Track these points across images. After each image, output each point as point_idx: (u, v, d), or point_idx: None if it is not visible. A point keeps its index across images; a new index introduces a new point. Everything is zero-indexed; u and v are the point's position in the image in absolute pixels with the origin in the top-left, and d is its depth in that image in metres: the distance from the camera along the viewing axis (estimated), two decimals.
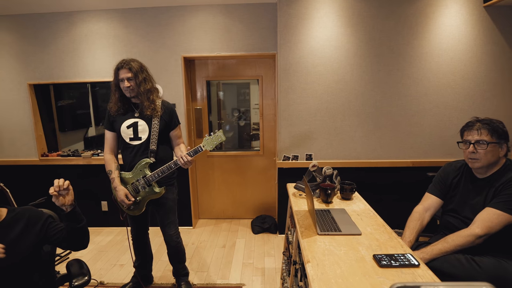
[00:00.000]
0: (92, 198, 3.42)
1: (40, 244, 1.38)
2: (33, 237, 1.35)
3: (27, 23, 3.13)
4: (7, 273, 1.27)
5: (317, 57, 2.79)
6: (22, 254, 1.30)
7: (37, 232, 1.37)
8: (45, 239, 1.39)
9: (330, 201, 1.84)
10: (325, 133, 2.92)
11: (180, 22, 3.03)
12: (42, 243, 1.39)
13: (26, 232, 1.35)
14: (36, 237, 1.36)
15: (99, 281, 2.46)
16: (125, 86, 1.87)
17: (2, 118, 3.30)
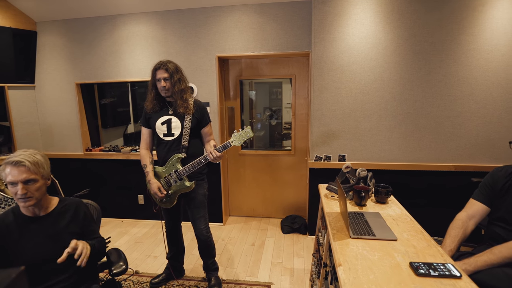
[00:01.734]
0: (129, 191, 3.61)
1: (80, 232, 1.47)
2: (77, 228, 1.46)
3: (75, 27, 3.37)
4: (54, 260, 1.37)
5: (353, 55, 2.71)
6: (67, 240, 1.40)
7: (80, 224, 1.47)
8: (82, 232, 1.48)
9: (363, 204, 1.78)
10: (359, 134, 2.83)
11: (215, 22, 3.09)
12: (81, 233, 1.48)
13: (72, 222, 1.45)
14: (78, 227, 1.46)
15: (135, 270, 2.59)
16: (161, 85, 1.96)
17: (53, 115, 3.59)
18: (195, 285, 2.38)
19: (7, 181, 1.26)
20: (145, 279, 2.46)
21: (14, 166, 1.26)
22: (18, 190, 1.25)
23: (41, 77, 3.54)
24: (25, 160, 1.27)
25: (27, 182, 1.28)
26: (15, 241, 1.31)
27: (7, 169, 1.26)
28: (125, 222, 3.65)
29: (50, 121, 3.61)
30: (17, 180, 1.25)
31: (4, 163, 1.27)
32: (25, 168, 1.27)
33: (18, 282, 0.30)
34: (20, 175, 1.26)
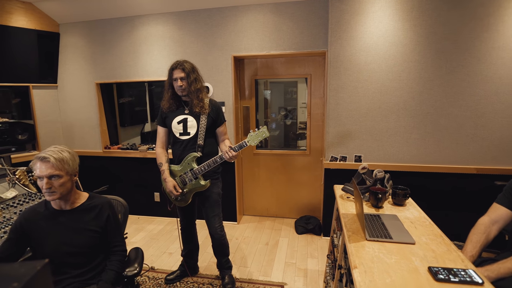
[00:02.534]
0: (146, 189, 3.68)
1: (102, 233, 1.51)
2: (98, 227, 1.50)
3: (96, 28, 3.47)
4: (79, 253, 1.43)
5: (371, 54, 2.66)
6: (86, 237, 1.45)
7: (102, 225, 1.51)
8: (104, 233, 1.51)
9: (380, 206, 1.74)
10: (376, 134, 2.78)
11: (232, 22, 3.11)
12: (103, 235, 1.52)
13: (94, 220, 1.49)
14: (99, 227, 1.50)
15: (150, 266, 2.64)
16: (178, 85, 1.99)
17: (74, 114, 3.71)
18: (209, 282, 2.41)
19: (35, 175, 1.33)
20: (161, 275, 2.50)
21: (41, 162, 1.32)
22: (45, 185, 1.32)
23: (63, 77, 3.66)
24: (51, 156, 1.33)
25: (51, 177, 1.34)
26: (40, 231, 1.38)
27: (37, 164, 1.33)
28: (142, 218, 3.73)
29: (71, 119, 3.73)
30: (42, 175, 1.32)
31: (35, 157, 1.34)
32: (50, 164, 1.33)
33: (42, 274, 0.32)
34: (46, 170, 1.32)
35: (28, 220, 1.39)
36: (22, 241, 1.39)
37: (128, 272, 1.53)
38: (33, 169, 1.36)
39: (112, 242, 1.54)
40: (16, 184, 2.36)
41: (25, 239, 1.39)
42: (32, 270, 0.30)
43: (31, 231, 1.38)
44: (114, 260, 1.51)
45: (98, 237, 1.48)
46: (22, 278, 0.29)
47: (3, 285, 0.28)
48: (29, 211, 1.42)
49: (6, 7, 3.13)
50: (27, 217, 1.40)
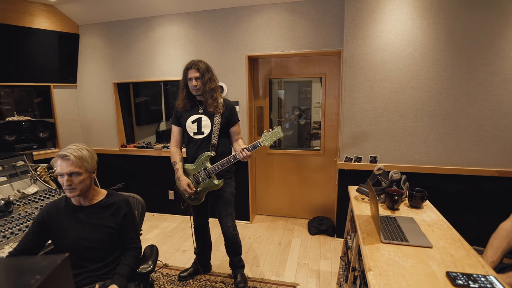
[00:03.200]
0: (160, 186, 3.75)
1: (118, 230, 1.55)
2: (114, 224, 1.53)
3: (114, 29, 3.55)
4: (97, 248, 1.47)
5: (387, 52, 2.60)
6: (103, 233, 1.49)
7: (119, 222, 1.55)
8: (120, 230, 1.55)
9: (396, 208, 1.71)
10: (392, 135, 2.72)
11: (246, 21, 3.11)
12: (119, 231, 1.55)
13: (111, 217, 1.53)
14: (116, 224, 1.54)
15: (164, 263, 2.68)
16: (193, 85, 2.01)
17: (92, 113, 3.81)
18: (222, 281, 2.42)
19: (56, 172, 1.38)
20: (174, 272, 2.54)
21: (62, 159, 1.37)
22: (65, 182, 1.37)
23: (82, 77, 3.77)
24: (71, 155, 1.38)
25: (71, 175, 1.38)
26: (60, 225, 1.42)
27: (57, 161, 1.38)
28: (156, 216, 3.80)
29: (90, 118, 3.84)
30: (63, 172, 1.37)
31: (56, 155, 1.39)
32: (70, 161, 1.37)
33: (63, 267, 0.33)
34: (66, 168, 1.37)
35: (49, 215, 1.44)
36: (43, 235, 1.44)
37: (142, 269, 1.56)
38: (54, 166, 1.40)
39: (127, 239, 1.57)
40: (37, 180, 2.44)
41: (46, 233, 1.44)
42: (53, 264, 0.31)
43: (51, 225, 1.43)
44: (129, 255, 1.54)
45: (115, 234, 1.52)
46: (45, 271, 0.30)
47: (27, 277, 0.29)
48: (50, 206, 1.47)
49: (29, 10, 3.24)
50: (48, 211, 1.45)
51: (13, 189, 2.29)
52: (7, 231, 1.83)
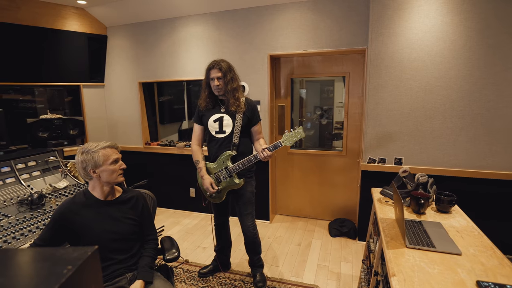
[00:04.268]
0: (182, 184, 3.82)
1: (139, 221, 1.61)
2: (135, 217, 1.60)
3: (139, 30, 3.66)
4: (123, 239, 1.52)
5: (415, 50, 2.51)
6: (127, 225, 1.54)
7: (139, 214, 1.61)
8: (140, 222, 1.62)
9: (422, 212, 1.64)
10: (419, 136, 2.62)
11: (268, 21, 3.10)
12: (140, 222, 1.62)
13: (132, 210, 1.60)
14: (136, 217, 1.60)
15: (185, 259, 2.73)
16: (215, 84, 2.03)
17: (118, 111, 3.95)
18: (241, 279, 2.43)
19: (112, 158, 1.50)
20: (194, 268, 2.58)
21: (111, 148, 1.53)
22: (121, 165, 1.54)
23: (109, 76, 3.91)
24: (116, 144, 1.56)
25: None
26: (84, 219, 1.47)
27: (108, 150, 1.51)
28: (178, 213, 3.88)
29: (116, 116, 3.98)
30: (119, 158, 1.54)
31: (104, 146, 1.50)
32: (118, 150, 1.57)
33: (92, 258, 0.34)
34: (119, 155, 1.55)
35: (69, 211, 1.47)
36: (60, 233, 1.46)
37: (167, 255, 1.63)
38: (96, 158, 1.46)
39: (145, 231, 1.65)
40: (67, 175, 2.56)
41: (63, 231, 1.46)
42: (84, 255, 0.33)
43: (74, 221, 1.45)
44: (149, 248, 1.62)
45: (137, 225, 1.59)
46: (76, 262, 0.31)
47: (59, 267, 0.30)
48: (68, 203, 1.50)
49: (62, 13, 3.41)
50: (67, 209, 1.47)
51: (46, 183, 2.42)
52: (40, 223, 1.94)
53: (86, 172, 1.48)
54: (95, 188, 1.53)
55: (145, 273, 1.49)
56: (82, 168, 1.48)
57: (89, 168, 1.47)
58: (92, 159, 1.46)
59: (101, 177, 1.49)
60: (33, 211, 2.04)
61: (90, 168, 1.47)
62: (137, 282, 1.44)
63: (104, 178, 1.49)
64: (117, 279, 1.48)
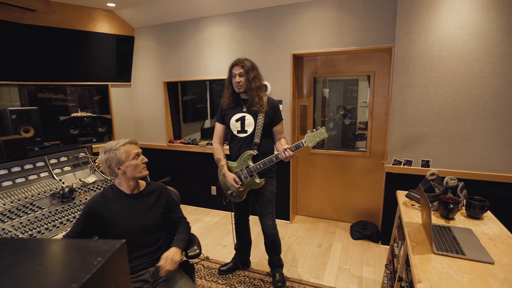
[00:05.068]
0: (204, 182, 3.88)
1: (164, 214, 1.65)
2: (160, 209, 1.64)
3: (165, 31, 3.75)
4: (148, 232, 1.57)
5: (445, 48, 2.40)
6: (153, 218, 1.59)
7: (163, 205, 1.66)
8: (166, 213, 1.67)
9: (451, 217, 1.57)
10: (448, 138, 2.50)
11: (292, 20, 3.08)
12: (165, 214, 1.66)
13: (156, 203, 1.65)
14: (161, 208, 1.65)
15: (205, 256, 2.78)
16: (236, 81, 2.03)
17: (144, 110, 4.07)
18: (260, 278, 2.44)
19: (133, 153, 1.56)
20: (214, 265, 2.62)
21: (131, 144, 1.58)
22: (143, 159, 1.61)
23: (136, 76, 4.04)
24: (135, 140, 1.63)
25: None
26: (114, 213, 1.53)
27: (128, 146, 1.56)
28: (199, 210, 3.94)
29: (141, 115, 4.10)
30: (139, 152, 1.60)
31: (124, 143, 1.56)
32: (137, 145, 1.63)
33: (121, 251, 0.35)
34: (138, 149, 1.60)
35: (98, 205, 1.54)
36: (90, 226, 1.54)
37: (189, 252, 1.66)
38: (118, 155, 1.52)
39: (176, 218, 1.72)
40: (96, 171, 2.68)
41: (93, 224, 1.54)
42: (113, 248, 0.34)
43: (103, 214, 1.53)
44: (182, 227, 1.70)
45: (162, 218, 1.64)
46: (105, 254, 0.32)
47: (91, 258, 0.32)
48: (98, 197, 1.58)
49: (93, 16, 3.56)
50: (97, 202, 1.55)
51: (76, 178, 2.54)
52: (70, 215, 2.04)
53: (111, 169, 1.54)
54: (122, 183, 1.59)
55: (179, 243, 1.57)
56: (107, 166, 1.54)
57: (113, 165, 1.52)
58: (115, 156, 1.52)
59: (126, 172, 1.54)
60: (64, 204, 2.15)
61: (114, 165, 1.52)
62: (172, 248, 1.52)
63: (129, 174, 1.55)
64: (141, 272, 1.52)
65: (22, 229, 1.81)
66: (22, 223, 1.86)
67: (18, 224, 1.84)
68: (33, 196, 2.16)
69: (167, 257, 1.46)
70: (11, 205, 2.03)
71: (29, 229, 1.82)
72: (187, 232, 1.68)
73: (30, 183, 2.28)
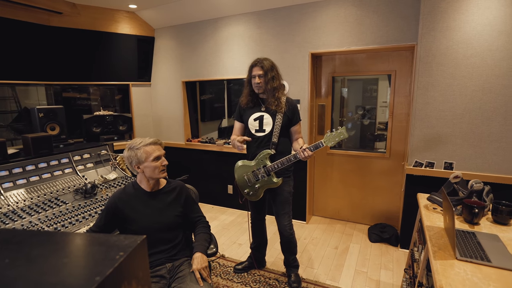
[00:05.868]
0: (220, 180, 3.91)
1: (183, 212, 1.68)
2: (179, 207, 1.67)
3: (184, 31, 3.81)
4: (166, 229, 1.60)
5: (472, 46, 2.30)
6: (171, 216, 1.62)
7: (182, 203, 1.68)
8: (185, 212, 1.69)
9: (476, 223, 1.51)
10: (474, 139, 2.40)
11: (311, 18, 3.05)
12: (184, 213, 1.69)
13: (175, 201, 1.68)
14: (180, 207, 1.67)
15: (221, 254, 2.80)
16: (255, 82, 2.04)
17: (163, 109, 4.15)
18: (275, 278, 2.43)
19: (154, 155, 1.56)
20: (230, 264, 2.63)
21: (155, 145, 1.58)
22: (163, 162, 1.58)
23: (155, 76, 4.12)
24: (160, 140, 1.61)
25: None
26: (132, 209, 1.58)
27: (151, 147, 1.56)
28: (215, 208, 3.98)
29: (160, 114, 4.19)
30: (161, 154, 1.59)
31: (146, 144, 1.56)
32: (161, 146, 1.61)
33: (141, 246, 0.36)
34: (161, 151, 1.60)
35: (120, 201, 1.59)
36: (112, 221, 1.60)
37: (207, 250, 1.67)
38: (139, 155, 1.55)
39: (195, 216, 1.73)
40: (117, 168, 2.76)
41: (115, 219, 1.59)
42: (134, 243, 0.35)
43: (123, 210, 1.57)
44: (203, 226, 1.70)
45: (180, 216, 1.66)
46: (127, 249, 0.33)
47: (113, 252, 0.33)
48: (120, 193, 1.63)
49: (115, 17, 3.66)
50: (119, 198, 1.60)
51: (98, 174, 2.62)
52: (92, 210, 2.11)
53: (132, 167, 1.58)
54: (142, 181, 1.63)
55: (201, 247, 1.58)
56: (128, 163, 1.59)
57: (133, 164, 1.57)
58: (135, 155, 1.55)
59: (145, 172, 1.58)
60: (86, 199, 2.23)
61: (134, 164, 1.56)
62: (197, 253, 1.53)
63: (147, 174, 1.58)
64: (158, 267, 1.56)
65: (47, 223, 1.89)
66: (47, 216, 1.94)
67: (44, 217, 1.93)
68: (57, 191, 2.26)
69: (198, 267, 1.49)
70: (38, 199, 2.13)
71: (54, 223, 1.90)
72: (208, 232, 1.70)
73: (55, 178, 2.37)
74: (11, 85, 3.34)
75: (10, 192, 2.09)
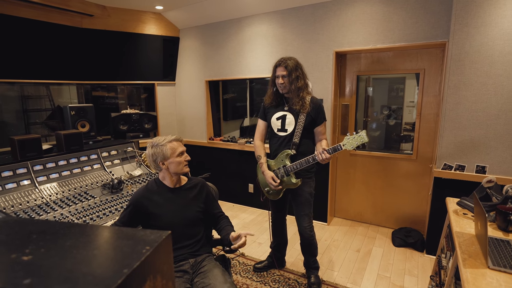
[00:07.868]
0: (242, 179, 3.94)
1: (204, 208, 1.71)
2: (201, 203, 1.70)
3: (208, 31, 3.86)
4: (190, 225, 1.64)
5: (510, 42, 2.16)
6: (194, 212, 1.65)
7: (203, 200, 1.71)
8: (206, 209, 1.72)
9: (511, 230, 1.42)
10: (510, 142, 2.26)
11: (335, 16, 2.99)
12: (205, 209, 1.71)
13: (197, 197, 1.71)
14: (202, 203, 1.70)
15: (241, 252, 2.82)
16: (279, 82, 2.03)
17: (186, 108, 4.24)
18: (295, 279, 2.41)
19: (178, 151, 1.63)
20: (250, 262, 2.64)
21: (178, 141, 1.66)
22: (186, 157, 1.66)
23: (180, 75, 4.21)
24: (181, 137, 1.68)
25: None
26: (157, 205, 1.62)
27: (174, 143, 1.63)
28: (236, 206, 4.01)
29: (184, 112, 4.27)
30: (184, 150, 1.66)
31: (170, 140, 1.63)
32: (182, 142, 1.69)
33: (167, 241, 0.37)
34: (183, 147, 1.67)
35: (144, 198, 1.64)
36: (136, 217, 1.64)
37: (226, 247, 1.70)
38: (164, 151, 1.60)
39: (217, 213, 1.77)
40: (142, 165, 2.84)
41: (138, 216, 1.64)
42: (159, 238, 0.36)
43: (148, 206, 1.62)
44: (226, 220, 1.76)
45: (202, 212, 1.70)
46: (153, 243, 0.34)
47: (140, 246, 0.34)
48: (143, 190, 1.68)
49: (142, 18, 3.78)
50: (142, 195, 1.65)
51: (124, 171, 2.72)
52: (118, 205, 2.19)
53: (156, 164, 1.62)
54: (165, 177, 1.67)
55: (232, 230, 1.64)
56: (153, 160, 1.63)
57: (158, 160, 1.61)
58: (161, 152, 1.59)
59: (169, 168, 1.62)
60: (113, 194, 2.32)
61: (159, 160, 1.61)
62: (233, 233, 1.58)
63: (172, 169, 1.62)
64: (181, 263, 1.59)
65: (77, 215, 1.98)
66: (77, 209, 2.04)
67: (74, 210, 2.03)
68: (86, 186, 2.36)
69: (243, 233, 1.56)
70: (69, 193, 2.24)
71: (83, 216, 1.99)
72: (232, 226, 1.74)
73: (84, 173, 2.49)
74: (46, 84, 3.53)
75: (44, 186, 2.22)
